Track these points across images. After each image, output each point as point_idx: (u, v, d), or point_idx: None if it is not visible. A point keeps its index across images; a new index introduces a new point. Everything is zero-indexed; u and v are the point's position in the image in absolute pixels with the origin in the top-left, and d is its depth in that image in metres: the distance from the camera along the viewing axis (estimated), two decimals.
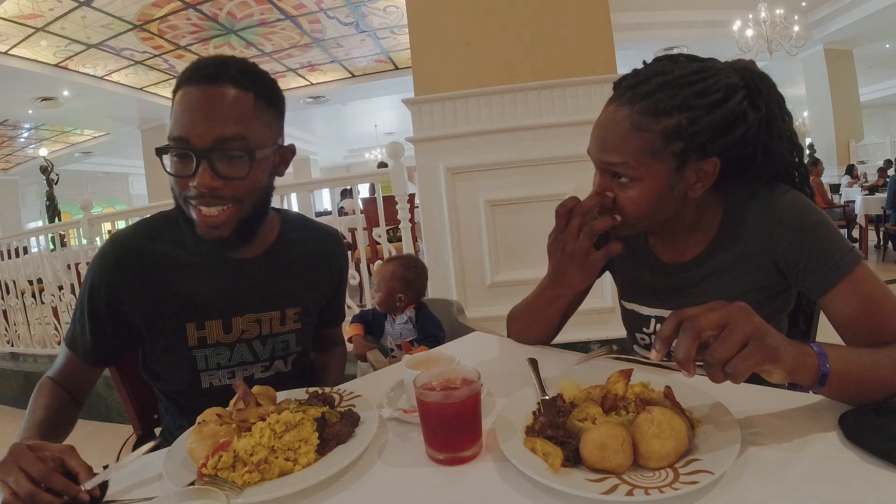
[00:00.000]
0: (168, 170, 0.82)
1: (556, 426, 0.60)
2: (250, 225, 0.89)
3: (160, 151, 0.82)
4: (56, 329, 3.42)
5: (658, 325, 0.91)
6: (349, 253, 2.60)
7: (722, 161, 0.78)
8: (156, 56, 6.81)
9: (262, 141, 0.84)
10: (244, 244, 0.92)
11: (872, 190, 6.27)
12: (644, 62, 0.80)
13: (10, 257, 3.65)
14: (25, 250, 3.98)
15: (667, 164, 0.75)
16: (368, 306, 2.27)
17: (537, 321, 0.98)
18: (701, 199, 0.82)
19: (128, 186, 13.92)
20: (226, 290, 0.94)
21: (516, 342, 1.01)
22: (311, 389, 0.80)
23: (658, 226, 0.85)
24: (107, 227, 3.41)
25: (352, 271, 2.48)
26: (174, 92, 0.83)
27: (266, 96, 0.85)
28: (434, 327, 1.60)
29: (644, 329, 0.95)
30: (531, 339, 1.00)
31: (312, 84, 8.57)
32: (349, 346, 1.37)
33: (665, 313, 0.90)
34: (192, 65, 0.82)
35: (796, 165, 0.85)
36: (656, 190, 0.77)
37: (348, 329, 1.62)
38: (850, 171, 7.75)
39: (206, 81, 0.80)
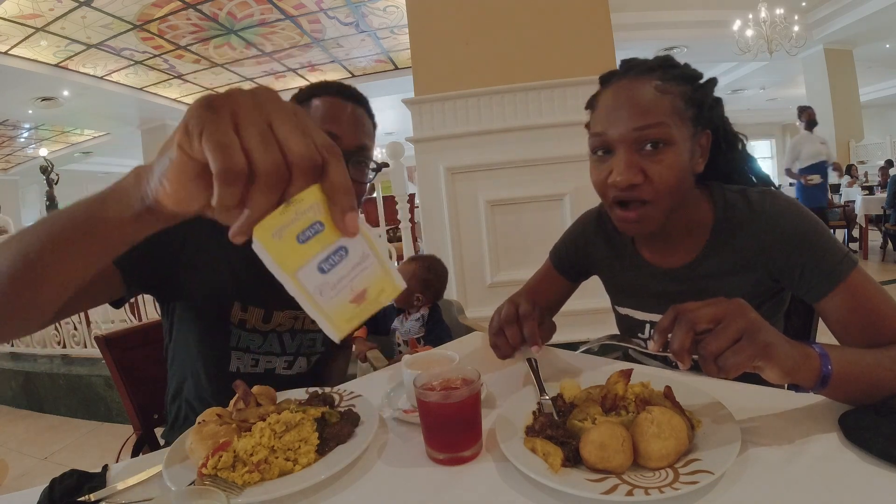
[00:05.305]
0: None
1: (556, 426, 0.60)
2: None
3: None
4: (56, 329, 3.42)
5: (653, 331, 0.90)
6: None
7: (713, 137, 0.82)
8: (156, 56, 6.81)
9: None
10: None
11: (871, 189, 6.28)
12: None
13: None
14: None
15: (688, 129, 0.78)
16: None
17: None
18: (692, 196, 0.83)
19: None
20: (274, 283, 0.96)
21: None
22: (311, 389, 0.80)
23: (671, 214, 0.81)
24: None
25: None
26: (313, 94, 0.94)
27: (375, 125, 1.00)
28: (443, 332, 1.62)
29: (639, 334, 0.95)
30: None
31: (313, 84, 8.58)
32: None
33: (659, 318, 0.89)
34: (336, 82, 0.96)
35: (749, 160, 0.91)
36: (685, 155, 0.77)
37: None
38: (850, 171, 7.74)
39: (353, 100, 0.95)
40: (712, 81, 0.83)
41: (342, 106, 0.93)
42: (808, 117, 5.29)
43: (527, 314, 0.78)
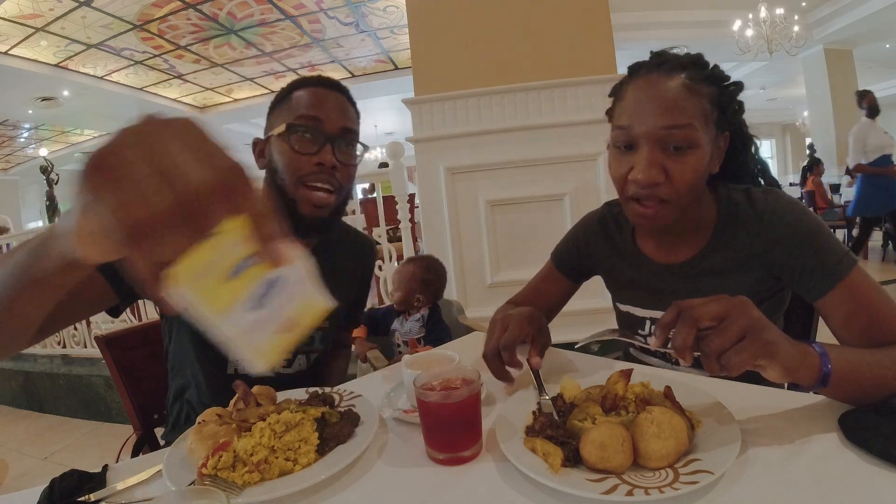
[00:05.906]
0: (294, 147, 0.91)
1: (556, 426, 0.60)
2: (337, 214, 0.99)
3: (290, 128, 0.91)
4: None
5: (653, 327, 0.91)
6: None
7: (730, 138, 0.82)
8: (156, 56, 6.81)
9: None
10: (325, 232, 1.01)
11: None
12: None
13: None
14: None
15: (711, 131, 0.77)
16: (368, 306, 2.26)
17: None
18: (701, 195, 0.83)
19: None
20: None
21: None
22: (311, 389, 0.81)
23: (682, 212, 0.80)
24: None
25: None
26: (294, 88, 0.96)
27: (358, 114, 1.02)
28: (443, 332, 1.61)
29: (640, 331, 0.96)
30: None
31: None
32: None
33: (660, 314, 0.90)
34: (317, 76, 0.99)
35: (758, 163, 0.91)
36: (706, 158, 0.77)
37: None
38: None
39: (336, 89, 0.97)
40: (739, 85, 0.82)
41: (324, 93, 0.95)
42: (869, 102, 4.55)
43: (509, 344, 0.76)
